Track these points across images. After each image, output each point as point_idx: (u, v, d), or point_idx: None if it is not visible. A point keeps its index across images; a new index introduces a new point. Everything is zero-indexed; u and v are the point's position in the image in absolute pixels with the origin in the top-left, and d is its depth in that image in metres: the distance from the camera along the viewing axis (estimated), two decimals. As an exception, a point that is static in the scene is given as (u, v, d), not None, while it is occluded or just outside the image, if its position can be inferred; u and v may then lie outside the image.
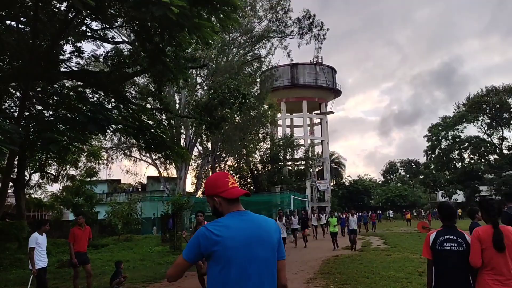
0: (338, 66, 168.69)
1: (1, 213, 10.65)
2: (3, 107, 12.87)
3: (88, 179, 27.07)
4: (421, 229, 27.23)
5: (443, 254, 3.50)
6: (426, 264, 10.92)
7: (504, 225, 3.45)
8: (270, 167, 45.09)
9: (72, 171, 26.40)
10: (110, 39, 13.67)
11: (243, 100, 19.12)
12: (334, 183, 68.81)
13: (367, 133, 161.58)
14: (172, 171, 37.27)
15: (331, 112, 62.76)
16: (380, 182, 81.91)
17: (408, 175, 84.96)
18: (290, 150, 47.43)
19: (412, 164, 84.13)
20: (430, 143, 65.39)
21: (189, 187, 37.74)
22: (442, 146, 64.30)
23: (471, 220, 5.41)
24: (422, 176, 72.05)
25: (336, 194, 65.61)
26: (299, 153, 50.09)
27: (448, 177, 63.84)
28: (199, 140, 33.47)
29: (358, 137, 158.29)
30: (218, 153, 36.83)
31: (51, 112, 11.88)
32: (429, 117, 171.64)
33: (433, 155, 65.77)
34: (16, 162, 14.17)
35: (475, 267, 3.35)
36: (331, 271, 10.81)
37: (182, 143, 28.17)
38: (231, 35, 30.35)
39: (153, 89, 17.19)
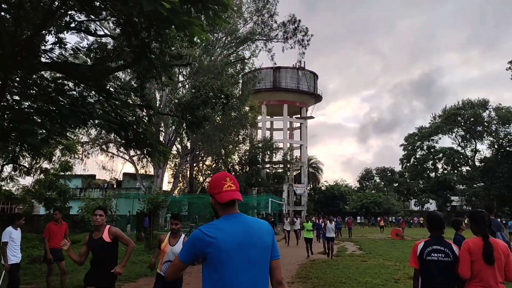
0: (320, 70, 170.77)
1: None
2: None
3: (62, 173, 26.39)
4: (395, 236, 27.84)
5: (430, 264, 3.53)
6: (401, 271, 11.07)
7: (493, 238, 3.51)
8: (248, 168, 45.10)
9: (45, 164, 25.67)
10: (93, 32, 13.39)
11: (226, 101, 19.08)
12: (311, 187, 69.35)
13: (345, 139, 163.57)
14: (149, 169, 36.81)
15: (311, 117, 63.29)
16: (356, 189, 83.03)
17: (383, 183, 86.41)
18: (269, 153, 47.60)
19: (388, 172, 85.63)
20: (406, 152, 66.81)
21: (166, 186, 37.30)
22: (417, 156, 65.77)
23: (455, 231, 5.50)
24: (397, 184, 73.51)
25: (313, 199, 66.13)
26: (278, 156, 50.34)
27: (422, 186, 65.28)
28: (178, 138, 33.21)
29: (337, 143, 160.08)
30: (197, 152, 36.60)
31: (28, 103, 11.53)
32: (407, 126, 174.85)
33: (408, 164, 67.21)
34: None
35: (464, 279, 3.39)
36: (308, 275, 10.84)
37: (161, 140, 27.83)
38: (215, 34, 30.26)
39: (135, 85, 16.93)
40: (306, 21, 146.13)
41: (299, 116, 62.87)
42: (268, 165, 49.39)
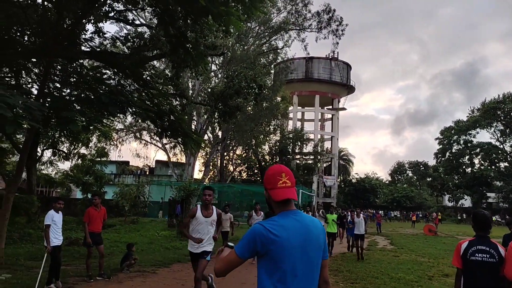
0: (353, 60, 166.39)
1: (17, 187, 10.73)
2: (20, 82, 12.91)
3: (99, 159, 27.23)
4: (428, 232, 27.23)
5: (474, 264, 3.43)
6: (434, 268, 10.83)
7: None
8: (278, 159, 45.03)
9: (83, 150, 26.55)
10: (130, 22, 13.63)
11: (259, 91, 19.05)
12: (341, 179, 68.64)
13: (378, 131, 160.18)
14: (181, 157, 37.41)
15: (343, 109, 62.37)
16: (387, 182, 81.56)
17: (415, 177, 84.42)
18: (299, 144, 47.35)
19: (421, 166, 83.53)
20: (441, 146, 64.81)
21: (197, 174, 37.83)
22: (453, 150, 63.68)
23: (509, 230, 5.29)
24: (430, 179, 71.56)
25: (342, 191, 65.48)
26: (308, 148, 50.00)
27: (457, 181, 63.30)
28: (210, 128, 33.52)
29: (369, 135, 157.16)
30: (228, 142, 36.84)
31: (68, 91, 11.90)
32: (445, 119, 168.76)
33: (443, 159, 65.20)
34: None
35: (511, 280, 3.27)
36: (339, 268, 10.78)
37: (194, 129, 28.18)
38: (248, 24, 30.14)
39: (169, 74, 17.16)
40: (340, 9, 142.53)
41: (330, 107, 62.06)
42: (298, 156, 49.18)
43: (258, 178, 45.64)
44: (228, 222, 12.40)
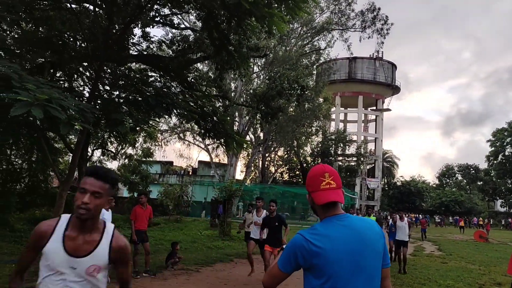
0: (402, 59, 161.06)
1: (70, 185, 11.28)
2: (72, 85, 13.58)
3: (144, 159, 28.13)
4: (478, 238, 25.97)
5: (533, 274, 3.22)
6: (486, 276, 10.30)
7: None
8: (320, 160, 44.57)
9: (130, 150, 27.52)
10: (176, 25, 13.99)
11: (301, 92, 18.97)
12: (385, 182, 66.91)
13: (426, 132, 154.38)
14: (223, 158, 37.93)
15: (388, 110, 60.84)
16: (434, 185, 78.60)
17: (465, 180, 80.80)
18: (341, 145, 46.66)
19: (471, 169, 79.86)
20: (493, 148, 61.69)
21: (238, 175, 38.19)
22: (506, 153, 60.45)
23: None
24: (481, 183, 68.31)
25: (387, 194, 63.83)
26: (351, 149, 49.14)
27: (510, 185, 60.02)
28: (251, 129, 33.75)
29: (416, 136, 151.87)
30: (270, 143, 36.92)
31: (117, 93, 12.38)
32: (500, 119, 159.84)
33: (496, 162, 62.02)
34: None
35: None
36: (383, 273, 10.47)
37: (236, 130, 28.49)
38: (291, 25, 30.07)
39: (213, 76, 17.44)
40: (388, 7, 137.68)
41: (374, 108, 60.69)
42: (340, 158, 48.45)
43: (300, 180, 45.41)
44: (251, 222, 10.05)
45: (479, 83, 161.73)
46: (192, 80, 12.66)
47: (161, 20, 12.69)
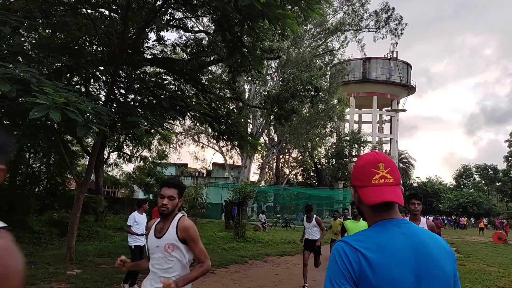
0: (420, 57, 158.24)
1: (87, 187, 11.46)
2: (89, 89, 13.83)
3: (159, 161, 28.41)
4: (497, 240, 25.48)
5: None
6: (505, 278, 10.11)
7: None
8: (334, 162, 44.33)
9: (145, 153, 27.86)
10: (189, 29, 14.13)
11: (315, 93, 18.92)
12: (401, 183, 66.09)
13: (443, 132, 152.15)
14: (237, 160, 38.04)
15: (403, 110, 60.12)
16: (452, 187, 77.38)
17: (483, 181, 79.31)
18: (356, 146, 46.30)
19: (489, 170, 78.37)
20: (511, 148, 60.52)
21: (252, 177, 38.25)
22: (526, 153, 59.22)
23: None
24: (500, 184, 66.99)
25: (403, 195, 63.03)
26: (366, 150, 48.71)
27: (530, 186, 58.75)
28: (265, 130, 33.77)
29: (432, 136, 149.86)
30: (284, 144, 36.89)
31: (132, 96, 12.57)
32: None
33: (514, 162, 60.83)
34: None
35: None
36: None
37: (249, 132, 28.55)
38: (304, 26, 30.03)
39: (226, 79, 17.54)
40: (409, 3, 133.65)
41: (389, 108, 60.11)
42: (355, 159, 48.08)
43: (314, 181, 45.21)
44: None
45: (503, 79, 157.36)
46: (206, 82, 12.77)
47: (175, 24, 12.84)
